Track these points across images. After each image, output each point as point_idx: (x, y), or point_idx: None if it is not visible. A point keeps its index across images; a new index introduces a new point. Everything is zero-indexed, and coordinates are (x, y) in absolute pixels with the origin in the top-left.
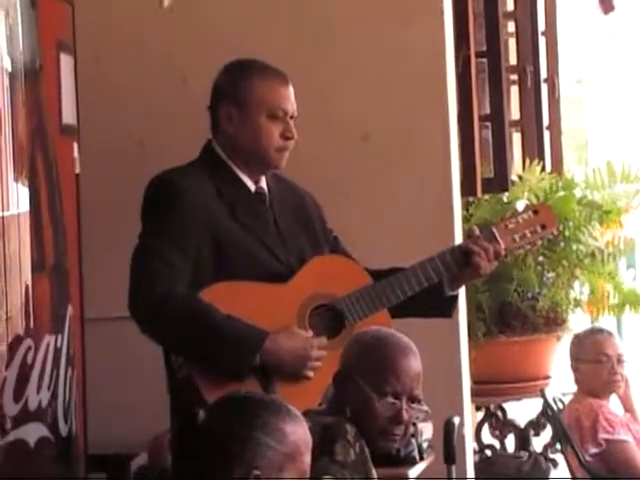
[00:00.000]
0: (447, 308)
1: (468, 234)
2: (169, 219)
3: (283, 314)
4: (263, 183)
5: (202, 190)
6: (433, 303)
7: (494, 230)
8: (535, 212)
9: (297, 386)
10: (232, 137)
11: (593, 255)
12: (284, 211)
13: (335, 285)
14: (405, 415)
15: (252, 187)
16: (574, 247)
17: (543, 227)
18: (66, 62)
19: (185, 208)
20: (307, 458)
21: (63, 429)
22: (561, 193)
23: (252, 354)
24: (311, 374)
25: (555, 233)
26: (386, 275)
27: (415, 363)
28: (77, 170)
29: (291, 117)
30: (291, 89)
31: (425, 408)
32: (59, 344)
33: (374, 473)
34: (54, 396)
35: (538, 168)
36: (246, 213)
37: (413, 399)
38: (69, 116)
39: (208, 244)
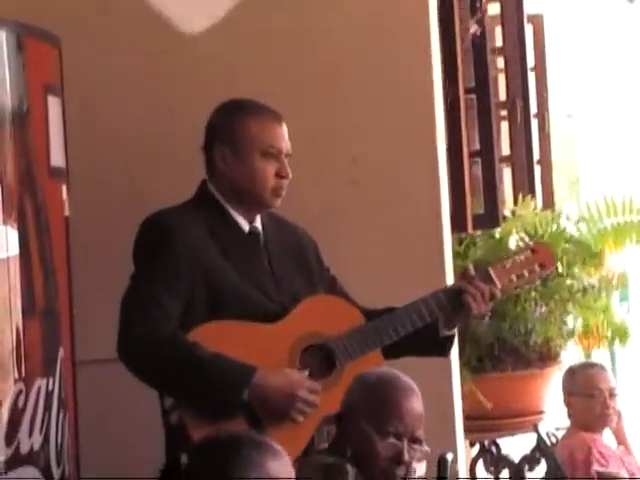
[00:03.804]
0: (443, 348)
1: (462, 274)
2: (161, 261)
3: (274, 354)
4: (258, 223)
5: (195, 231)
6: (428, 343)
7: (490, 271)
8: (533, 251)
9: (287, 428)
10: (227, 177)
11: (585, 290)
12: (279, 251)
13: (327, 325)
14: (406, 456)
15: (246, 227)
16: (567, 282)
17: (541, 266)
18: (54, 104)
19: (177, 250)
20: None
21: (56, 472)
22: (554, 228)
23: (240, 389)
24: (299, 417)
25: (553, 271)
26: (380, 315)
27: (417, 404)
28: (67, 212)
29: (286, 156)
30: (285, 128)
31: (426, 449)
32: (50, 387)
33: None
34: (46, 439)
35: (532, 203)
36: (239, 253)
37: (414, 440)
38: (58, 159)
39: (201, 286)
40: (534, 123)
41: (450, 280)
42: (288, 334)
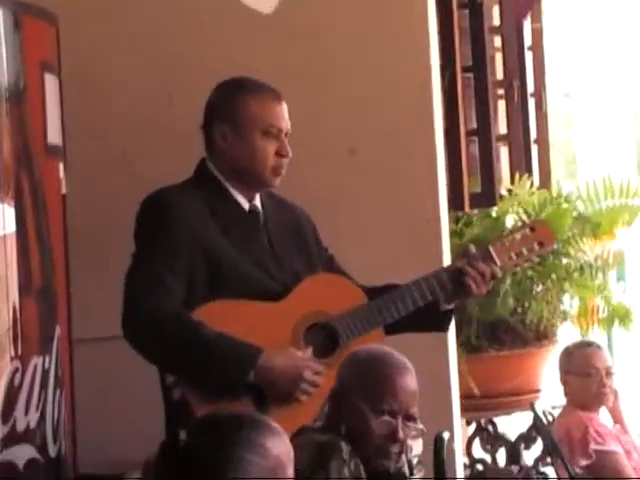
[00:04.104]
0: (442, 322)
1: (464, 253)
2: (161, 240)
3: (277, 332)
4: (257, 201)
5: (195, 210)
6: (428, 318)
7: (491, 249)
8: (532, 229)
9: (291, 408)
10: (227, 155)
11: (582, 269)
12: (279, 230)
13: (330, 304)
14: (401, 433)
15: (246, 206)
16: (563, 261)
17: (540, 244)
18: (51, 82)
19: (178, 228)
20: (290, 471)
21: (52, 450)
22: (551, 208)
23: (245, 370)
24: (303, 397)
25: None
26: (381, 292)
27: (411, 381)
28: (63, 190)
29: (285, 134)
30: (285, 106)
31: (421, 426)
32: (47, 365)
33: None
34: (42, 417)
35: (528, 182)
36: (239, 232)
37: (409, 417)
38: (54, 136)
39: (202, 264)
40: (531, 102)
41: (447, 258)
42: (291, 313)
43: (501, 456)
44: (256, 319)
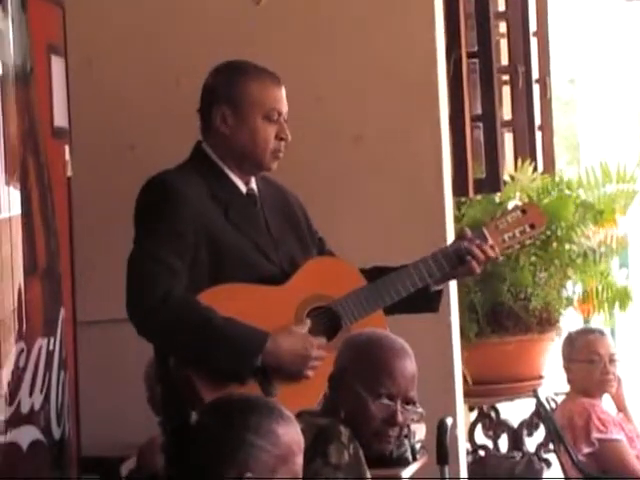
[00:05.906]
0: (433, 303)
1: (459, 235)
2: (166, 222)
3: (281, 316)
4: (253, 184)
5: (196, 192)
6: (419, 299)
7: (485, 231)
8: (523, 212)
9: (297, 386)
10: (227, 138)
11: (585, 255)
12: (274, 213)
13: (331, 287)
14: (400, 417)
15: (243, 189)
16: (567, 247)
17: (532, 226)
18: (57, 65)
19: (181, 211)
20: (299, 459)
21: (56, 432)
22: (554, 194)
23: (254, 355)
24: (311, 374)
25: (544, 232)
26: (371, 274)
27: (410, 365)
28: (69, 173)
29: (284, 118)
30: (284, 90)
31: (420, 410)
32: (51, 347)
33: (368, 475)
34: (47, 399)
35: (530, 168)
36: (239, 215)
37: (408, 401)
38: (61, 119)
39: (204, 246)
40: (536, 88)
41: (450, 241)
42: (294, 296)
43: (503, 442)
44: (259, 303)
